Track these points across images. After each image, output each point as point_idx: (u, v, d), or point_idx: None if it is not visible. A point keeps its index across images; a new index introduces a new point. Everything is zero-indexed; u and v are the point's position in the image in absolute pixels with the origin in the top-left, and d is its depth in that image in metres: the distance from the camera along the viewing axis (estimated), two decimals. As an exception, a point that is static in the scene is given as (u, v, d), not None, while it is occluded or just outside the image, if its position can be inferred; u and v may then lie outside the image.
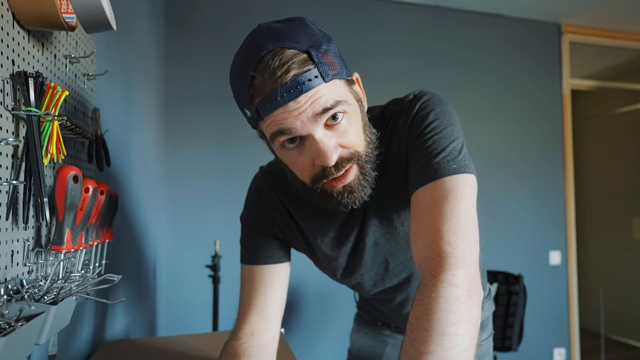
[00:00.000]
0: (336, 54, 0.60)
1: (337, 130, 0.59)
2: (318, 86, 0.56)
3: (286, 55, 0.55)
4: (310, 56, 0.56)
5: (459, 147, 0.63)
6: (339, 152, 0.60)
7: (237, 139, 2.32)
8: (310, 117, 0.56)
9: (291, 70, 0.54)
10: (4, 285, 0.55)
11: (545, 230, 2.84)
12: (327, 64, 0.56)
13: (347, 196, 0.64)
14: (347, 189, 0.63)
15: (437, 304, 0.50)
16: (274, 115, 0.57)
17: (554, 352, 2.79)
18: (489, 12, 2.81)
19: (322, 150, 0.58)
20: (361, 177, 0.64)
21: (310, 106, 0.56)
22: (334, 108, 0.57)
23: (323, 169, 0.60)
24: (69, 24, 0.60)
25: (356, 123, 0.62)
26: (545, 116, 2.90)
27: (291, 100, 0.55)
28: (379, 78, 2.51)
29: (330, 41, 0.59)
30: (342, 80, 0.60)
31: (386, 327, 0.99)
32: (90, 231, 0.78)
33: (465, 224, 0.56)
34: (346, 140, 0.60)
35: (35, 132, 0.57)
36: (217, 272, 1.90)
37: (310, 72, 0.55)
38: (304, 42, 0.56)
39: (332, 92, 0.57)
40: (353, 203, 0.65)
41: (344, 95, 0.59)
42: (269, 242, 0.80)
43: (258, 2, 2.42)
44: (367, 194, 0.66)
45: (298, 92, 0.55)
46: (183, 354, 1.01)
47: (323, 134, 0.58)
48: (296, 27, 0.58)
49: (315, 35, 0.58)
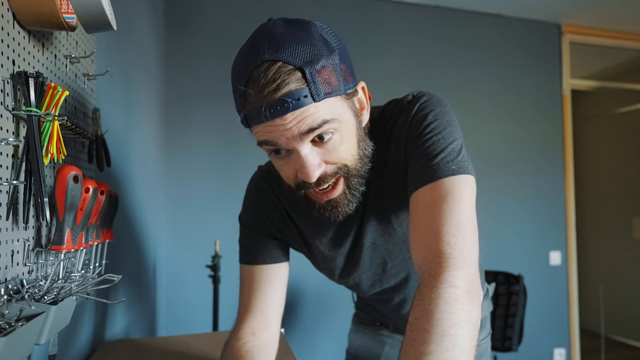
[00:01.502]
0: (335, 67, 0.57)
1: (324, 147, 0.59)
2: (307, 106, 0.55)
3: (279, 70, 0.54)
4: (303, 74, 0.54)
5: (458, 148, 0.63)
6: (322, 170, 0.60)
7: (237, 138, 2.32)
8: (296, 135, 0.56)
9: (280, 89, 0.53)
10: (4, 285, 0.55)
11: (545, 231, 2.84)
12: (321, 83, 0.55)
13: (331, 210, 0.65)
14: (332, 203, 0.64)
15: (437, 305, 0.50)
16: (261, 127, 0.57)
17: (554, 352, 2.79)
18: (489, 12, 2.81)
19: (305, 167, 0.58)
20: (347, 192, 0.64)
21: (296, 125, 0.55)
22: (320, 128, 0.56)
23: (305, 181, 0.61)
24: (69, 24, 0.60)
25: (348, 139, 0.61)
26: (545, 116, 2.90)
27: (276, 117, 0.55)
28: (379, 78, 2.51)
29: (332, 53, 0.57)
30: (338, 97, 0.58)
31: (384, 327, 0.99)
32: (90, 231, 0.78)
33: (465, 224, 0.56)
34: (334, 157, 0.60)
35: (35, 132, 0.57)
36: (217, 272, 1.90)
37: (300, 92, 0.54)
38: (300, 57, 0.54)
39: (322, 110, 0.56)
40: (336, 217, 0.66)
41: (337, 113, 0.58)
42: (268, 242, 0.81)
43: (258, 1, 2.42)
44: (352, 209, 0.66)
45: (285, 110, 0.54)
46: (183, 354, 1.01)
47: (309, 150, 0.58)
48: (299, 35, 0.56)
49: (315, 48, 0.55)
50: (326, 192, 0.63)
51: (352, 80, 0.61)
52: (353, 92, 0.62)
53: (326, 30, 0.60)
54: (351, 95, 0.61)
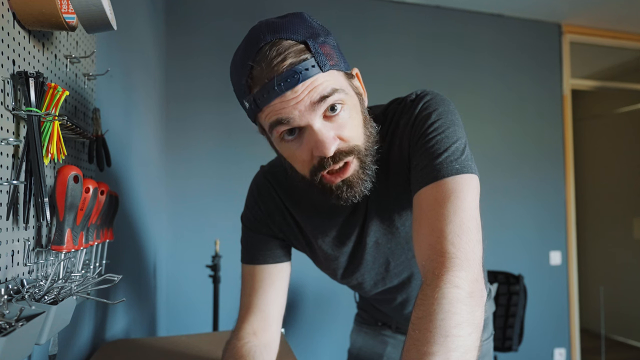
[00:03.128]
0: (334, 46, 0.60)
1: (336, 121, 0.59)
2: (315, 75, 0.56)
3: (283, 45, 0.55)
4: (307, 46, 0.56)
5: (461, 147, 0.62)
6: (337, 144, 0.59)
7: (238, 138, 2.32)
8: (308, 106, 0.56)
9: (288, 59, 0.55)
10: (5, 285, 0.55)
11: (545, 230, 2.84)
12: (325, 55, 0.57)
13: (347, 190, 0.63)
14: (347, 183, 0.63)
15: (440, 305, 0.49)
16: (272, 105, 0.57)
17: (554, 352, 2.79)
18: (489, 12, 2.81)
19: (321, 140, 0.58)
20: (361, 171, 0.63)
21: (307, 95, 0.56)
22: (332, 96, 0.57)
23: (321, 160, 0.60)
24: (70, 24, 0.59)
25: (356, 116, 0.62)
26: (546, 116, 2.90)
27: (288, 89, 0.55)
28: (379, 78, 2.51)
29: (328, 34, 0.60)
30: (341, 72, 0.60)
31: (387, 327, 0.99)
32: (90, 231, 0.78)
33: (469, 224, 0.56)
34: (345, 132, 0.60)
35: (35, 132, 0.57)
36: (218, 272, 1.90)
37: (307, 62, 0.56)
38: (301, 33, 0.57)
39: (330, 81, 0.58)
40: (353, 197, 0.64)
41: (343, 85, 0.60)
42: (270, 242, 0.80)
43: (258, 1, 2.42)
44: (367, 188, 0.65)
45: (295, 81, 0.55)
46: (183, 354, 1.01)
47: (321, 124, 0.58)
48: (294, 20, 0.59)
49: (313, 28, 0.59)
50: (339, 173, 0.62)
51: (347, 63, 0.63)
52: (351, 75, 0.64)
53: (317, 20, 0.63)
54: (350, 76, 0.63)
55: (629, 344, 3.65)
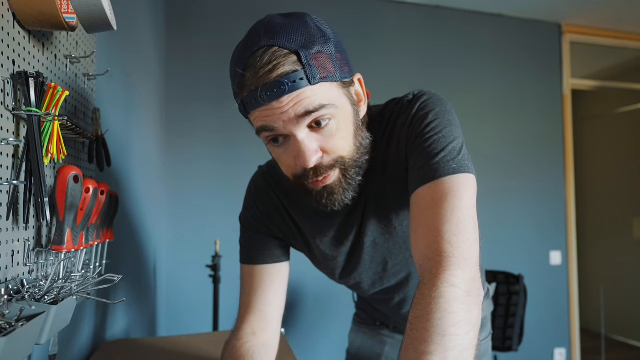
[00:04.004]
0: (331, 55, 0.58)
1: (322, 133, 0.59)
2: (303, 88, 0.55)
3: (274, 54, 0.55)
4: (298, 57, 0.55)
5: (458, 147, 0.63)
6: (319, 156, 0.60)
7: (238, 138, 2.32)
8: (293, 118, 0.57)
9: (276, 70, 0.54)
10: (5, 285, 0.55)
11: (545, 230, 2.83)
12: (317, 66, 0.56)
13: (327, 197, 0.64)
14: (328, 190, 0.64)
15: (437, 304, 0.49)
16: (258, 111, 0.58)
17: (554, 352, 2.79)
18: (489, 12, 2.81)
19: (302, 151, 0.58)
20: (343, 180, 0.64)
21: (292, 108, 0.56)
22: (318, 111, 0.57)
23: (304, 169, 0.61)
24: (70, 24, 0.60)
25: (345, 127, 0.62)
26: (546, 116, 2.90)
27: (273, 100, 0.55)
28: (379, 78, 2.51)
29: (327, 42, 0.58)
30: (334, 82, 0.59)
31: (385, 327, 0.99)
32: (90, 231, 0.78)
33: (466, 224, 0.56)
34: (330, 144, 0.60)
35: (35, 132, 0.57)
36: (218, 272, 1.90)
37: (296, 74, 0.55)
38: (296, 42, 0.56)
39: (319, 95, 0.57)
40: (332, 205, 0.65)
41: (334, 99, 0.59)
42: (269, 242, 0.81)
43: (258, 1, 2.42)
44: (348, 197, 0.66)
45: (281, 92, 0.55)
46: (183, 354, 1.01)
47: (306, 135, 0.58)
48: (294, 23, 0.58)
49: (311, 35, 0.57)
50: (322, 180, 0.62)
51: (348, 70, 0.62)
52: (350, 82, 0.63)
53: (322, 23, 0.61)
54: (348, 85, 0.62)
55: (629, 344, 3.65)
